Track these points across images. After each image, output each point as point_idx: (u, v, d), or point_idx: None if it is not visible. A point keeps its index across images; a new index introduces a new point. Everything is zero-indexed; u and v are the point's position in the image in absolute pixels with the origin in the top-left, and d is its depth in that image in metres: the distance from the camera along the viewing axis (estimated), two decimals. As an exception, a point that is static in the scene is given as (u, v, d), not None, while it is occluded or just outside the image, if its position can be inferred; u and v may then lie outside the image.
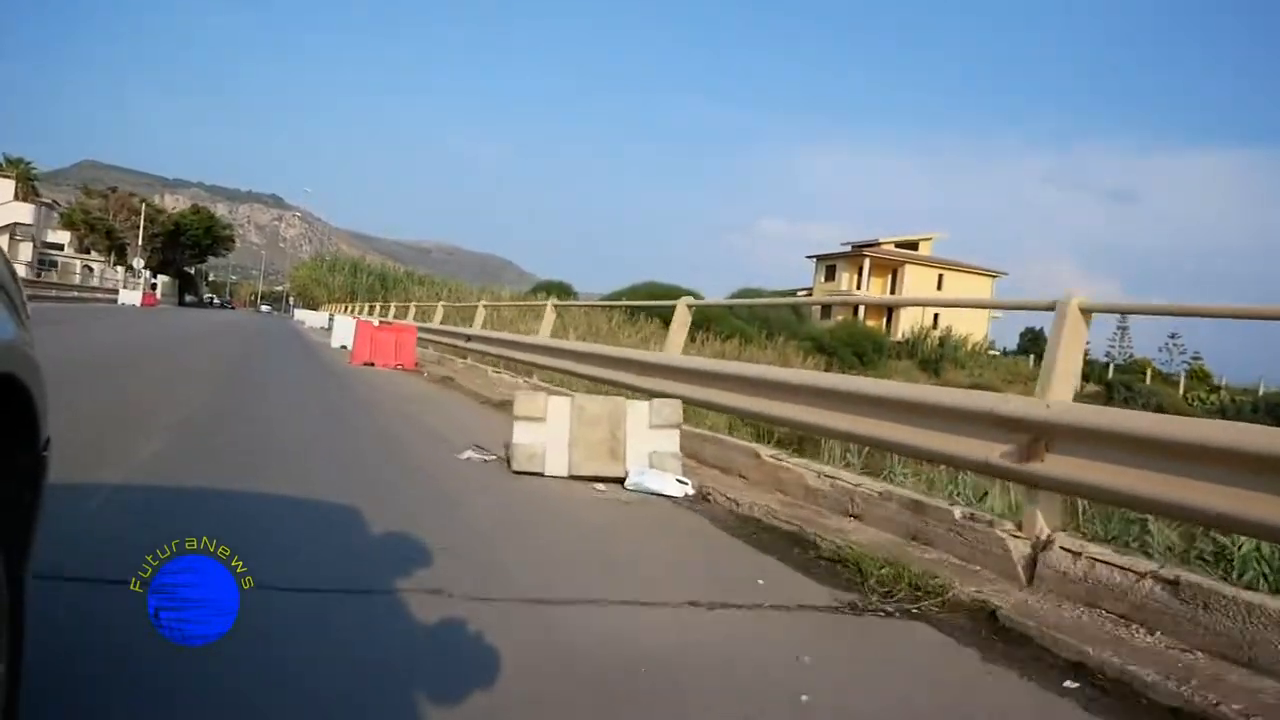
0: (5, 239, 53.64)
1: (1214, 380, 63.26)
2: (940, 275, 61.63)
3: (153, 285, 70.89)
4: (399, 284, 54.63)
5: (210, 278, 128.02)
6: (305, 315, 46.07)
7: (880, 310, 58.94)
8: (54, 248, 69.31)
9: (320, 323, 36.84)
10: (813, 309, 55.00)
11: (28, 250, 59.36)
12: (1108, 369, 61.93)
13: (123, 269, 69.21)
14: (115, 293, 53.15)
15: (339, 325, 21.20)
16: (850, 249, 62.79)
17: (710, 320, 32.59)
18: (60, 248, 70.33)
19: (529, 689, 2.22)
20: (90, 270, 69.13)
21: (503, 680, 2.22)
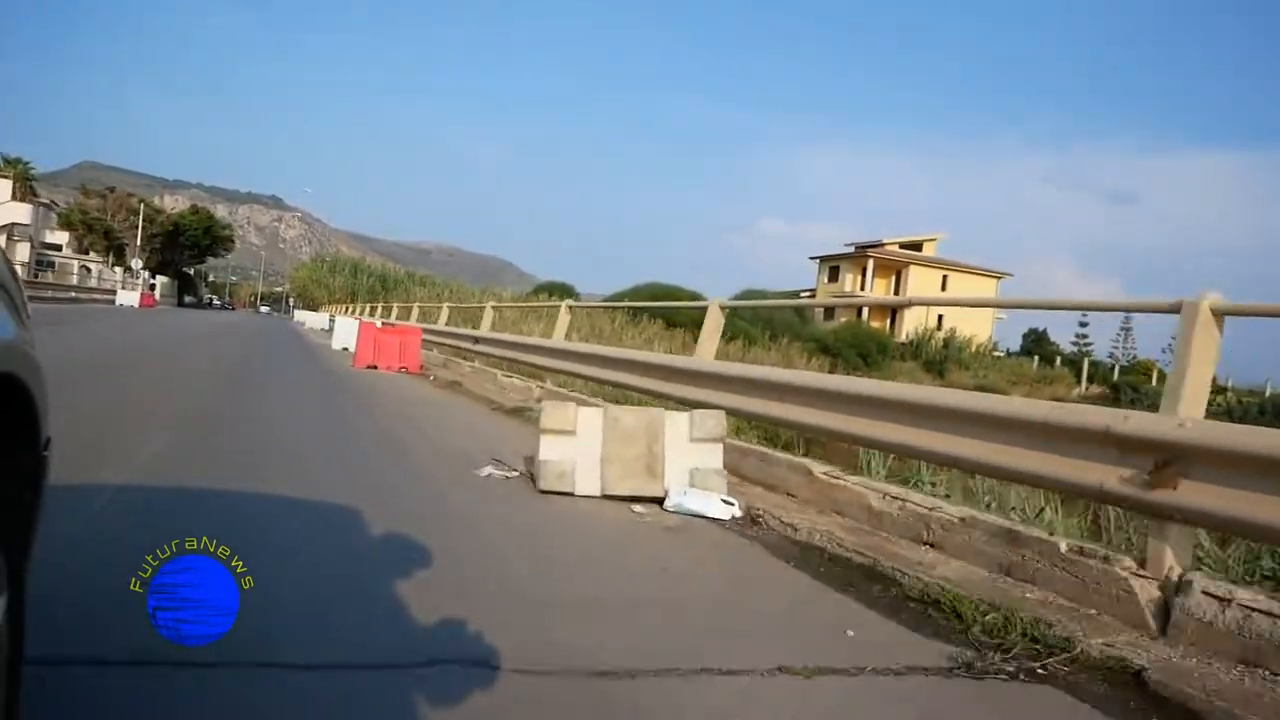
0: (2, 239, 53.18)
1: (1215, 380, 62.61)
2: (944, 276, 61.18)
3: (151, 286, 70.37)
4: (400, 285, 54.19)
5: (210, 278, 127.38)
6: (305, 316, 45.57)
7: (884, 311, 58.40)
8: (52, 248, 68.87)
9: (321, 324, 36.38)
10: (815, 310, 54.47)
11: (25, 250, 58.90)
12: (1113, 370, 61.44)
13: (121, 270, 68.65)
14: (113, 293, 52.59)
15: (340, 327, 20.72)
16: (854, 250, 62.28)
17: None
18: (58, 248, 69.88)
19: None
20: (88, 271, 68.62)
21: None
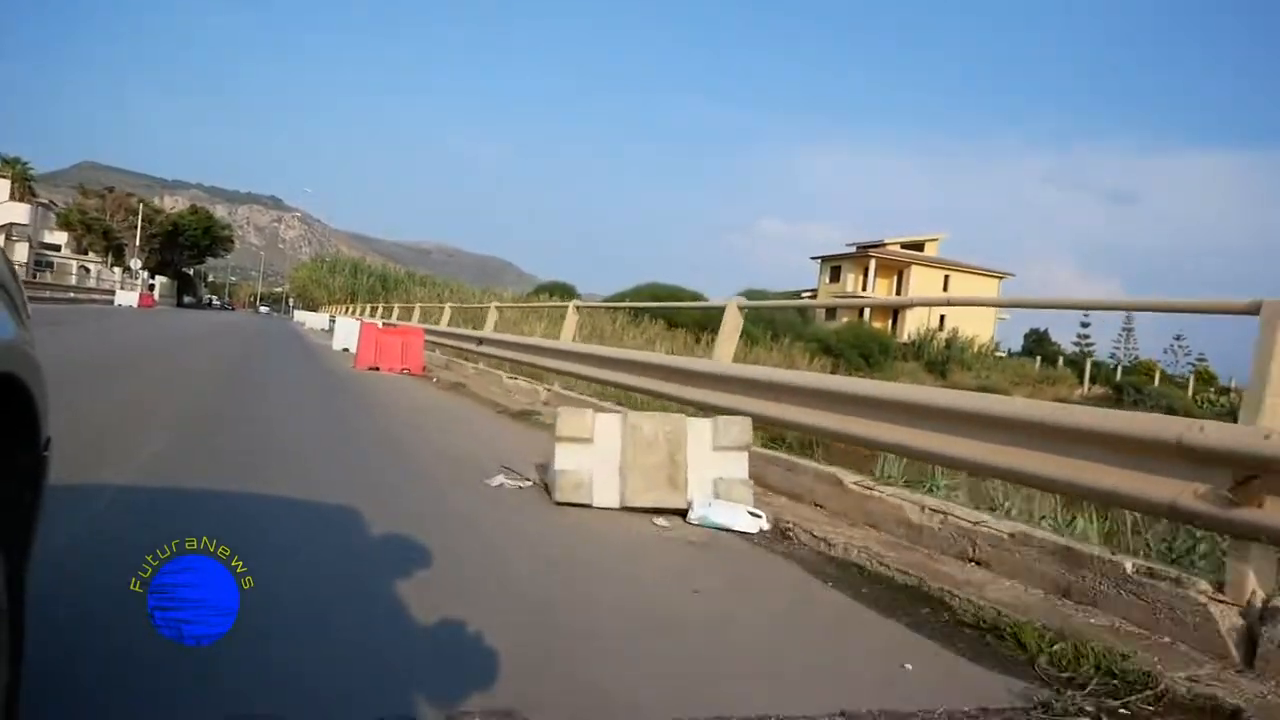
0: (1, 239, 52.92)
1: (1219, 381, 62.51)
2: (946, 276, 60.99)
3: (150, 286, 70.09)
4: (400, 285, 53.96)
5: (209, 279, 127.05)
6: (305, 317, 45.30)
7: (885, 311, 58.16)
8: (51, 248, 68.62)
9: (321, 324, 36.13)
10: (816, 310, 54.18)
11: (24, 251, 58.63)
12: (1115, 371, 61.17)
13: (120, 270, 68.37)
14: (112, 294, 52.31)
15: (341, 327, 20.45)
16: (856, 250, 62.04)
17: (713, 321, 31.93)
18: (57, 248, 69.62)
19: None
20: (87, 271, 68.36)
21: None
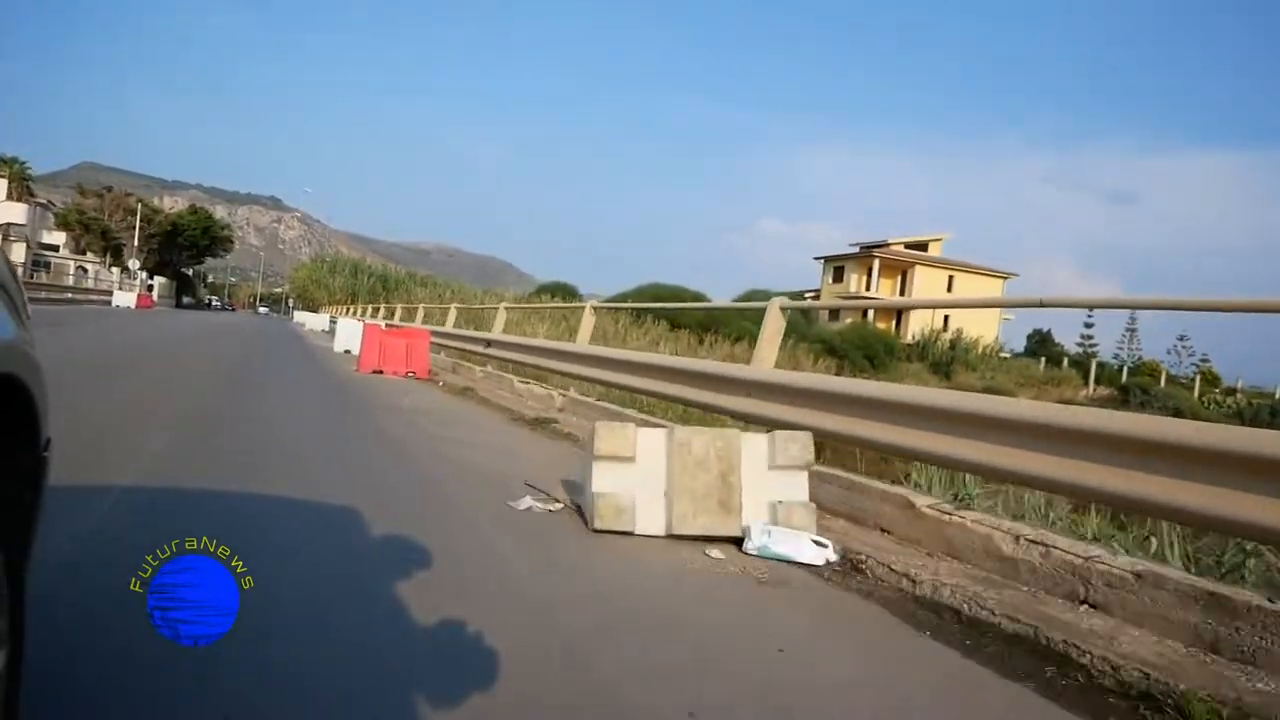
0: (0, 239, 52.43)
1: (1222, 382, 62.08)
2: (950, 276, 60.63)
3: (149, 287, 69.56)
4: (401, 285, 53.42)
5: (208, 279, 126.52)
6: (305, 317, 44.82)
7: (889, 312, 57.72)
8: (49, 249, 68.08)
9: (321, 325, 35.68)
10: (819, 311, 53.72)
11: (21, 251, 58.11)
12: (1120, 371, 60.72)
13: (118, 270, 67.85)
14: (110, 294, 51.78)
15: (342, 328, 19.97)
16: (859, 250, 61.60)
17: (717, 322, 31.38)
18: (55, 249, 69.09)
19: None
20: (85, 271, 67.81)
21: None
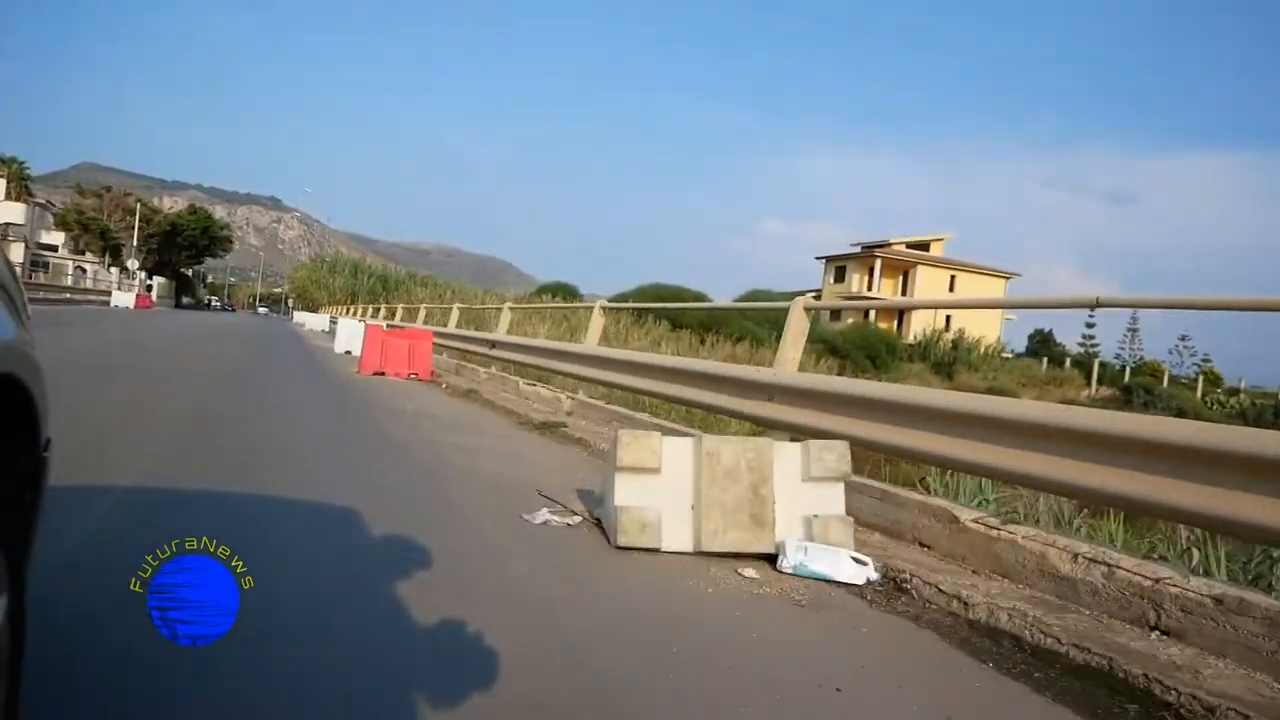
0: (-4, 239, 52.20)
1: (1224, 382, 61.87)
2: (952, 276, 60.44)
3: (148, 287, 69.32)
4: (401, 285, 53.23)
5: (208, 280, 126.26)
6: (305, 318, 44.64)
7: (890, 312, 57.57)
8: (48, 249, 67.87)
9: (321, 325, 35.49)
10: (820, 311, 53.54)
11: (20, 251, 57.88)
12: (1123, 372, 60.50)
13: (117, 270, 67.62)
14: (108, 294, 51.55)
15: (343, 329, 19.78)
16: (861, 250, 61.42)
17: (718, 322, 31.19)
18: (54, 249, 68.87)
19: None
20: (83, 271, 67.58)
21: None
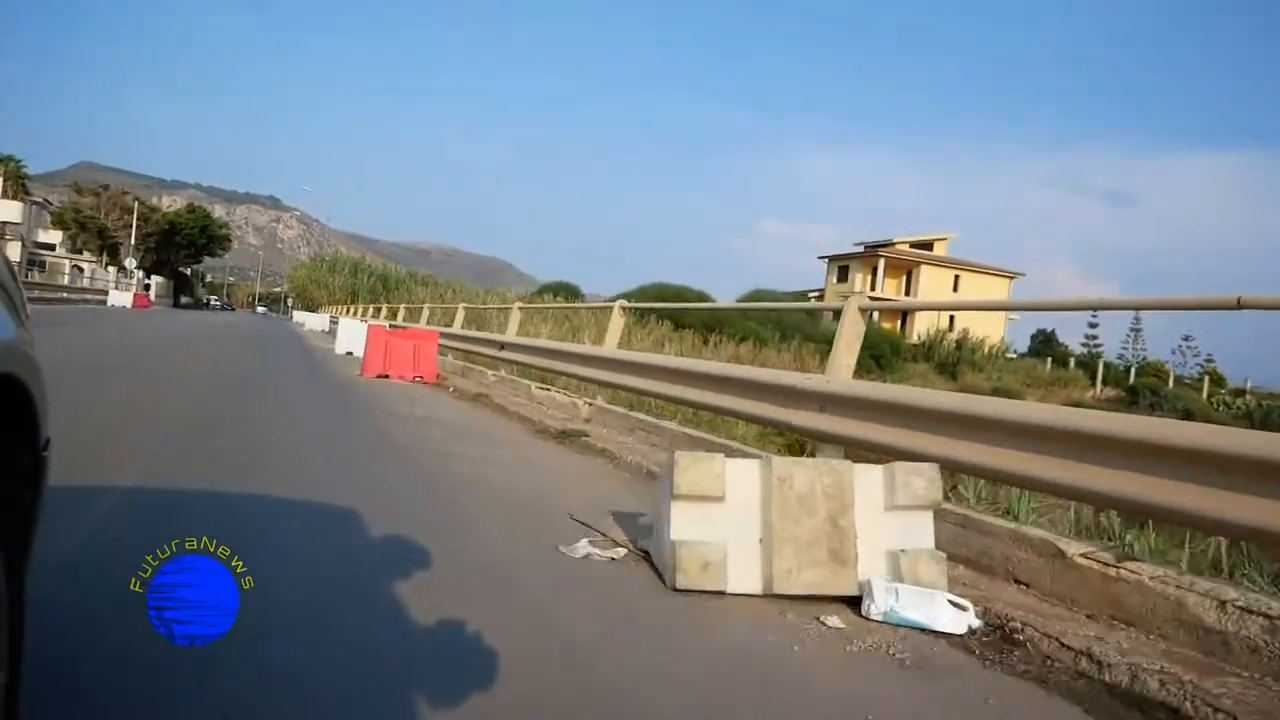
0: (-6, 238, 51.72)
1: (1227, 382, 61.50)
2: (956, 276, 60.04)
3: (146, 286, 68.79)
4: (401, 285, 52.75)
5: (207, 279, 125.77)
6: (305, 318, 44.17)
7: (894, 312, 57.12)
8: (45, 248, 67.35)
9: (321, 325, 35.03)
10: (823, 311, 53.07)
11: (16, 250, 57.36)
12: (1127, 373, 60.06)
13: (114, 269, 67.09)
14: (105, 294, 51.02)
15: (344, 329, 19.31)
16: (864, 249, 61.01)
17: (721, 322, 30.75)
18: (52, 248, 68.35)
19: None
20: (80, 270, 67.03)
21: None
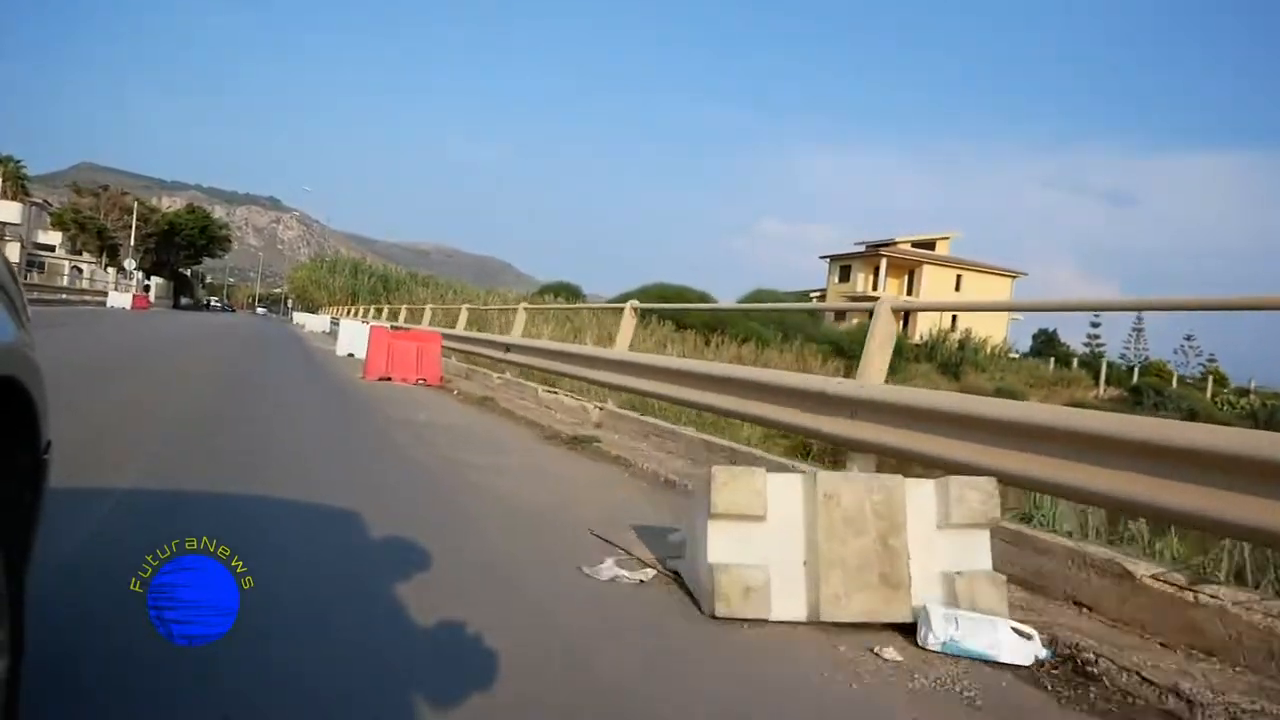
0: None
1: (1230, 382, 61.34)
2: (959, 276, 59.84)
3: (145, 287, 68.54)
4: (402, 285, 52.60)
5: (206, 280, 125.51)
6: (305, 318, 43.92)
7: (895, 312, 56.90)
8: (44, 249, 67.12)
9: (321, 327, 34.79)
10: (825, 312, 52.83)
11: (15, 251, 57.13)
12: (1129, 373, 59.83)
13: (114, 270, 66.84)
14: (105, 295, 50.77)
15: (345, 330, 19.09)
16: (866, 249, 60.80)
17: (722, 322, 30.53)
18: (51, 248, 68.13)
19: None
20: (79, 271, 66.78)
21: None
